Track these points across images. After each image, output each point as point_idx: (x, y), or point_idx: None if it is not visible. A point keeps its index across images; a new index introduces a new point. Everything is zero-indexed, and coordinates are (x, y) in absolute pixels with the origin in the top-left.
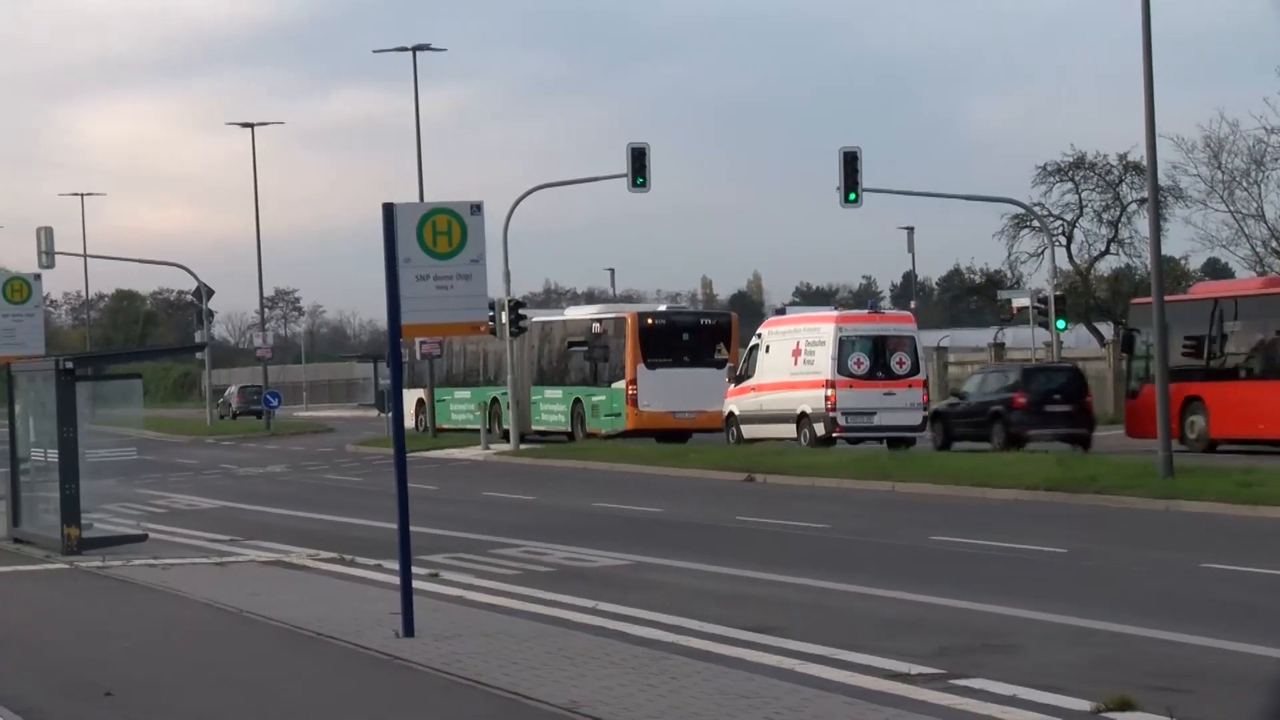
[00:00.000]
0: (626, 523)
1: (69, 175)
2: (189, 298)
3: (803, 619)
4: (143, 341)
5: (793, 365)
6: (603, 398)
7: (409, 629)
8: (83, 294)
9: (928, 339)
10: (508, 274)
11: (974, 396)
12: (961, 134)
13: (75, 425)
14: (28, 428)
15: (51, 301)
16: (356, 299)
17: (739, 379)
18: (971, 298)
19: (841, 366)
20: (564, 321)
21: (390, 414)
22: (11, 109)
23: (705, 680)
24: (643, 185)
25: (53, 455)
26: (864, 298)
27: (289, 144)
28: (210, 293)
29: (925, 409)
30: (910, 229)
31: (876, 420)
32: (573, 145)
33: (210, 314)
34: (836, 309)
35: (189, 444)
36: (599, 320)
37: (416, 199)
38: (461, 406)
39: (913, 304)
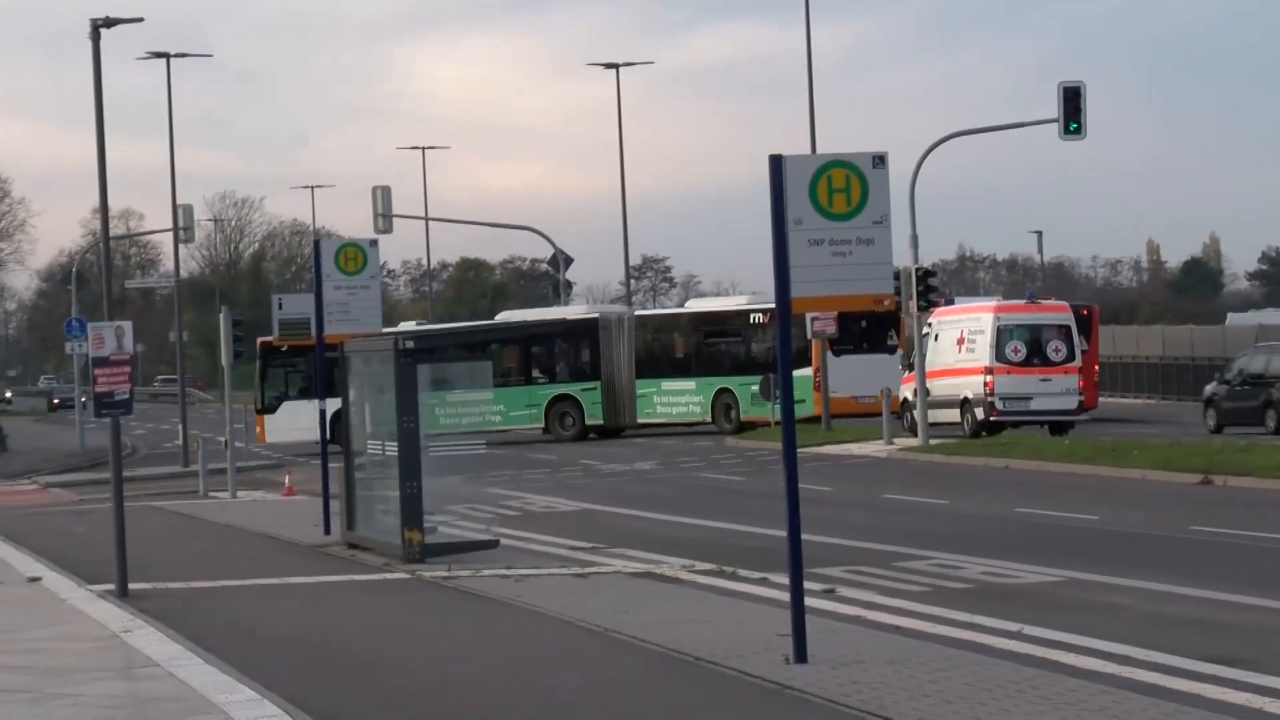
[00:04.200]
0: (1056, 532)
1: (407, 126)
2: (544, 267)
3: (1275, 651)
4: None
5: (957, 353)
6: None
7: (801, 654)
8: (423, 262)
9: None
10: (915, 238)
11: (1239, 379)
12: None
13: (417, 414)
14: (363, 417)
15: (389, 271)
16: (737, 268)
17: (912, 366)
18: None
19: (999, 354)
20: (691, 315)
21: (779, 402)
22: (342, 52)
23: None
24: (1077, 132)
25: (391, 449)
26: None
27: (654, 90)
28: (569, 261)
29: (1081, 394)
30: None
31: (1033, 405)
32: (991, 87)
33: (569, 285)
34: (997, 299)
35: (544, 437)
36: (761, 310)
37: (807, 151)
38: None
39: None
